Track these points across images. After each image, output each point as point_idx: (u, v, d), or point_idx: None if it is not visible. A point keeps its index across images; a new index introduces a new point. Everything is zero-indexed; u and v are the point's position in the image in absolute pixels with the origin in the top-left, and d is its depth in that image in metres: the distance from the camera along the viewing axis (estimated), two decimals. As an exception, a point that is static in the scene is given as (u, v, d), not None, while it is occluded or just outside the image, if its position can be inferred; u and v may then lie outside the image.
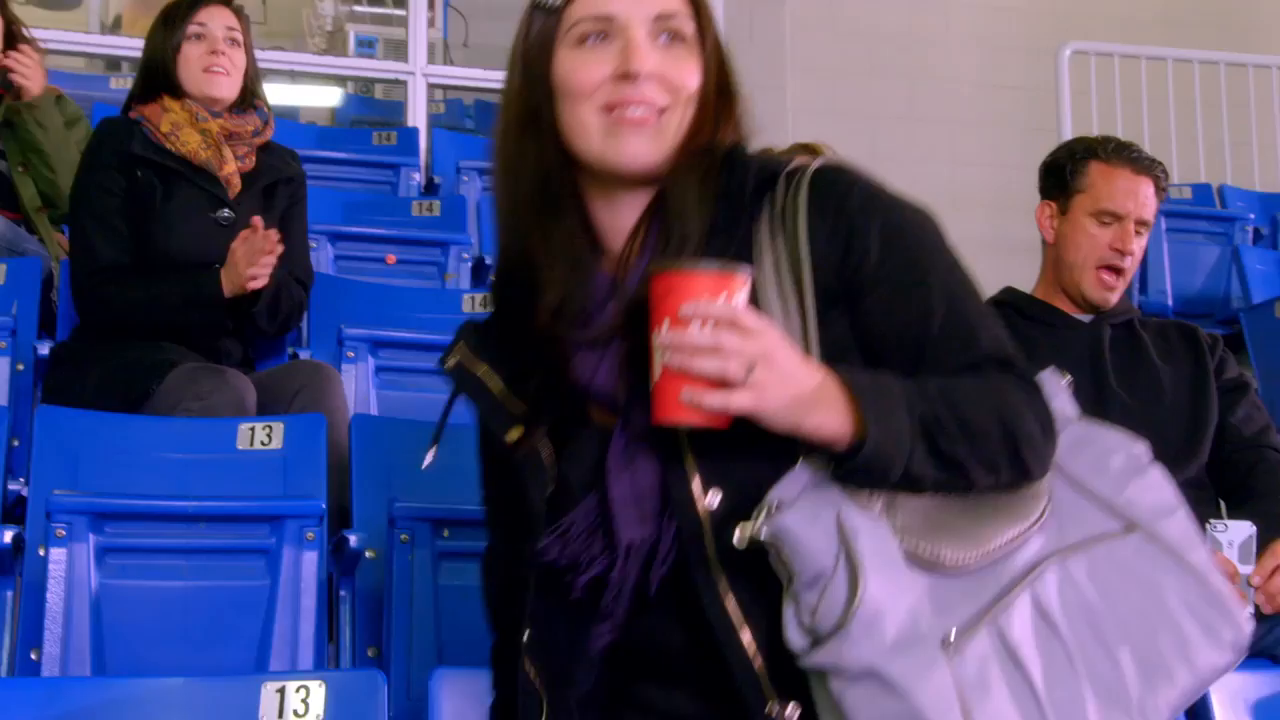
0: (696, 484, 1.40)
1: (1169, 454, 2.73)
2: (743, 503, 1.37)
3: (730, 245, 1.45)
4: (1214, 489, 2.79)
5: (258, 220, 3.00)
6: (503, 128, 1.53)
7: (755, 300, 1.40)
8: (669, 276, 1.34)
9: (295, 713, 1.93)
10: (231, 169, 3.25)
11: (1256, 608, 2.40)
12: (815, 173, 1.47)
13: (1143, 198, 2.82)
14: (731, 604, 1.39)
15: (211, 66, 3.26)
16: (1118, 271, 2.82)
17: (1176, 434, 2.78)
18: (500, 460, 1.57)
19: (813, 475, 1.36)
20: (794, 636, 1.33)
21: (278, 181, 3.36)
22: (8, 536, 2.36)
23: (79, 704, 1.87)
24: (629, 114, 1.45)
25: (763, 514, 1.33)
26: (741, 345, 1.29)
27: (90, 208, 3.17)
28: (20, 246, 3.64)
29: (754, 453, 1.37)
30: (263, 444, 2.77)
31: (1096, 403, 2.78)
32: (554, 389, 1.50)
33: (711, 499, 1.40)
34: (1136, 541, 1.42)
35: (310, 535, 2.49)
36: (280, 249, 3.01)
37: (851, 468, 1.33)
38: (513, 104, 1.52)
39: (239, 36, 3.33)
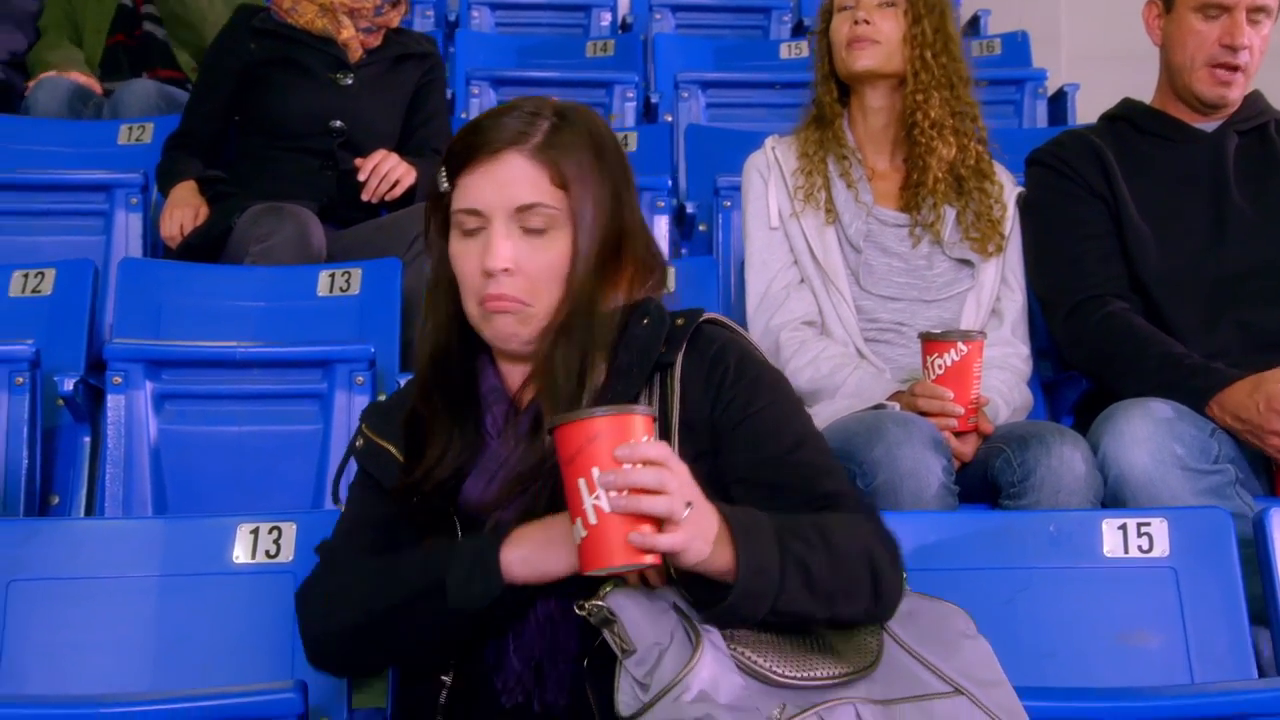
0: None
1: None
2: None
3: (631, 389, 1.55)
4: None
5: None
6: (431, 284, 1.68)
7: None
8: (591, 422, 1.35)
9: (267, 553, 1.95)
10: (350, 34, 3.33)
11: None
12: (698, 326, 1.61)
13: None
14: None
15: None
16: (1234, 68, 2.48)
17: (1306, 248, 2.45)
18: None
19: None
20: (626, 699, 1.41)
21: (408, 56, 3.44)
22: (69, 384, 2.46)
23: (54, 543, 1.93)
24: (491, 306, 1.58)
25: (606, 589, 1.44)
26: (680, 484, 1.34)
27: (200, 79, 3.45)
28: (175, 109, 3.77)
29: None
30: (341, 290, 2.79)
31: (1215, 218, 2.49)
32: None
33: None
34: (963, 704, 1.48)
35: (360, 379, 2.50)
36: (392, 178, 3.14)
37: (719, 610, 1.40)
38: (434, 269, 1.68)
39: None
